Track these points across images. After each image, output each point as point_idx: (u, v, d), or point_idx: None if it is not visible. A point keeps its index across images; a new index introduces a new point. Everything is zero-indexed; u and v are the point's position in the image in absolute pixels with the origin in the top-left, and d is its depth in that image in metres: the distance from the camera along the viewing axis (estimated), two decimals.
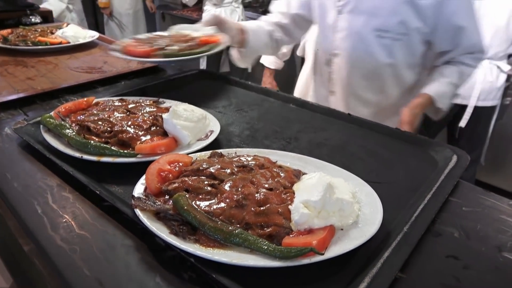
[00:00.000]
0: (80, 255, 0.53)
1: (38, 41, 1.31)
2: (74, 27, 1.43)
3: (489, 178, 2.62)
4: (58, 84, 1.05)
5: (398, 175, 0.72)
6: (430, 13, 1.01)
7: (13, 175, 0.69)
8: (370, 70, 1.11)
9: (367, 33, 1.07)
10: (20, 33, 1.37)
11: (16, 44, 1.29)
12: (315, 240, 0.50)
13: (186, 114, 0.75)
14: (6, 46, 1.29)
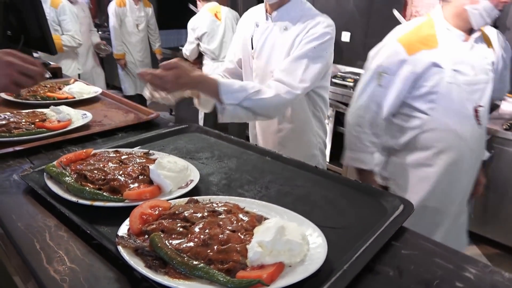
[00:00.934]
0: (69, 284, 0.63)
1: (47, 96, 1.47)
2: (80, 84, 1.59)
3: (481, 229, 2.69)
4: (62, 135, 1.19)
5: (350, 222, 0.82)
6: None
7: (17, 216, 0.80)
8: None
9: (266, 74, 1.41)
10: (31, 88, 1.53)
11: (27, 98, 1.45)
12: (265, 274, 0.60)
13: (170, 165, 0.87)
14: (18, 100, 1.44)
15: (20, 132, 1.13)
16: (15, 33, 1.93)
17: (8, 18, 1.84)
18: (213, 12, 3.63)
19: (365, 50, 4.07)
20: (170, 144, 1.18)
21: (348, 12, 3.97)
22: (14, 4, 1.79)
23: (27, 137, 1.12)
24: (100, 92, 1.61)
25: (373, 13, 3.82)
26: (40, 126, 1.18)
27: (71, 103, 1.47)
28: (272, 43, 1.41)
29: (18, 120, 1.20)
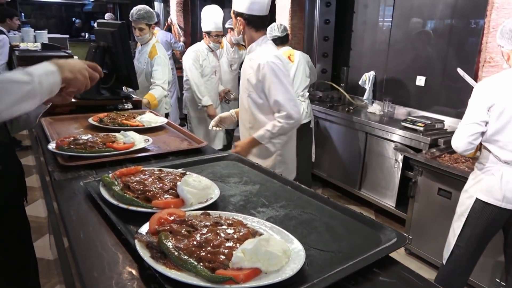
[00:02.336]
0: (94, 264, 0.81)
1: (122, 123, 1.77)
2: (151, 115, 1.89)
3: None
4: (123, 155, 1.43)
5: (342, 247, 0.90)
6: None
7: (74, 211, 1.02)
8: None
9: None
10: (112, 116, 1.86)
11: (107, 124, 1.77)
12: (241, 274, 0.72)
13: (194, 183, 1.04)
14: (100, 125, 1.77)
15: (92, 150, 1.41)
16: (109, 71, 2.34)
17: (105, 59, 2.25)
18: (287, 55, 3.89)
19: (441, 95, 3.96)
20: (209, 168, 1.35)
21: (423, 56, 3.95)
22: (110, 48, 2.19)
23: (97, 154, 1.39)
24: (166, 122, 1.87)
25: (449, 57, 3.75)
26: (108, 146, 1.44)
27: (139, 130, 1.75)
28: None
29: (95, 140, 1.49)
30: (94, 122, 1.81)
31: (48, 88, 1.13)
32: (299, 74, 3.87)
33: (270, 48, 2.05)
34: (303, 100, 3.93)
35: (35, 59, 4.37)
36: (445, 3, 3.70)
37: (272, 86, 1.95)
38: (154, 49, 3.55)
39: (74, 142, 1.44)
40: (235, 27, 2.08)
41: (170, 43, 6.37)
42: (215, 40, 3.81)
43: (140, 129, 1.78)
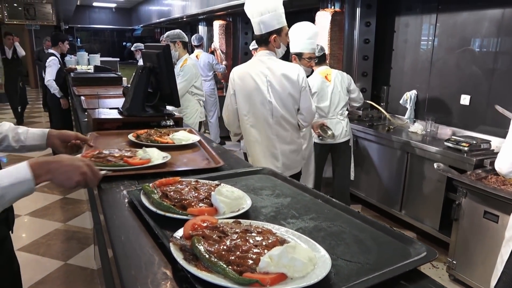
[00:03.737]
0: (132, 263, 0.87)
1: (155, 140, 1.84)
2: (183, 133, 1.92)
3: None
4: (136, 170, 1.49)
5: (370, 259, 0.90)
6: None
7: (117, 216, 1.10)
8: None
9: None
10: (150, 133, 1.94)
11: (142, 140, 1.85)
12: (268, 278, 0.75)
13: (227, 193, 1.09)
14: (137, 141, 1.85)
15: (108, 164, 1.46)
16: (154, 90, 2.49)
17: (150, 79, 2.40)
18: (324, 75, 3.93)
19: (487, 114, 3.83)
20: (243, 181, 1.40)
21: (467, 74, 3.84)
22: (155, 69, 2.34)
23: (108, 167, 1.43)
24: (198, 140, 1.90)
25: (496, 75, 3.62)
26: (125, 161, 1.50)
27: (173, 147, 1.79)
28: None
29: (114, 154, 1.53)
30: (132, 138, 1.89)
31: (12, 199, 1.02)
32: (336, 93, 3.88)
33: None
34: (342, 119, 3.93)
35: (88, 80, 4.70)
36: (490, 20, 3.60)
37: None
38: (185, 61, 4.25)
39: (96, 155, 1.51)
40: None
41: (212, 65, 6.60)
42: (307, 64, 3.23)
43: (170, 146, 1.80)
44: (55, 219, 4.17)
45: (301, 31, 3.19)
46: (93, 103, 3.00)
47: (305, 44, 3.18)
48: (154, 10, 11.94)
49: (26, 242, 3.62)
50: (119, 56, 12.55)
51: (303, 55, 3.20)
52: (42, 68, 9.06)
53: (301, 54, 3.20)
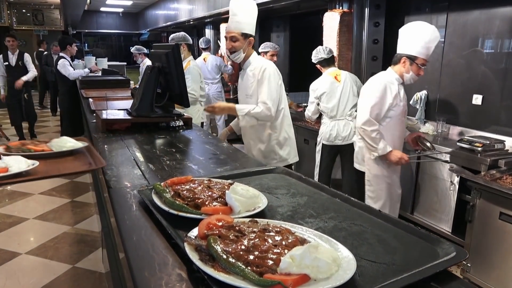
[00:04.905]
0: (146, 265, 0.83)
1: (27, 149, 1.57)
2: (66, 139, 1.63)
3: None
4: None
5: (396, 260, 0.85)
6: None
7: (128, 216, 1.06)
8: None
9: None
10: (23, 143, 1.63)
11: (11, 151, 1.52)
12: (290, 279, 0.70)
13: (242, 192, 1.05)
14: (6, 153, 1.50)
15: None
16: (162, 90, 2.46)
17: (159, 79, 2.37)
18: (333, 75, 3.88)
19: (500, 114, 3.75)
20: (256, 180, 1.36)
21: (479, 74, 3.77)
22: (164, 68, 2.31)
23: None
24: (84, 146, 1.64)
25: (509, 74, 3.55)
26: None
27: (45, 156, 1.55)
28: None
29: None
30: (1, 150, 1.58)
31: None
32: (345, 94, 3.84)
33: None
34: (350, 120, 3.87)
35: (96, 82, 4.70)
36: (502, 19, 3.53)
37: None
38: (189, 63, 4.19)
39: None
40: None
41: (220, 67, 6.58)
42: (418, 71, 2.72)
43: (43, 154, 1.55)
44: (63, 222, 4.15)
45: (421, 32, 2.69)
46: (101, 105, 2.98)
47: (422, 48, 2.68)
48: (161, 14, 11.99)
49: (34, 246, 3.60)
50: (126, 60, 12.61)
51: (417, 60, 2.69)
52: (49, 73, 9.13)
53: (415, 58, 2.69)
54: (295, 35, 7.32)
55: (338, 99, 3.81)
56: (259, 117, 2.58)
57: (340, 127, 3.83)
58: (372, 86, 2.84)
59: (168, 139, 2.08)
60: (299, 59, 6.59)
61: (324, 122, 3.99)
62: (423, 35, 2.70)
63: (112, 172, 1.45)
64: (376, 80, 2.86)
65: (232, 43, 2.56)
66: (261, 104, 2.55)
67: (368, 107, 2.76)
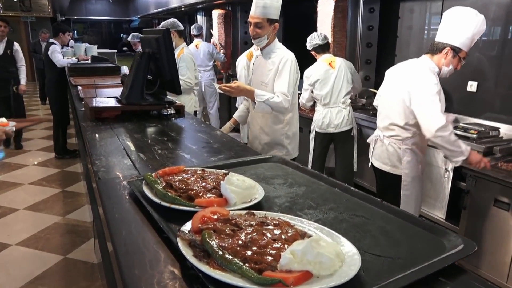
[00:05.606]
0: (136, 262, 0.77)
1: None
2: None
3: None
4: None
5: (401, 254, 0.81)
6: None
7: (117, 209, 1.01)
8: None
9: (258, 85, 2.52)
10: None
11: None
12: (291, 276, 0.65)
13: (238, 182, 1.00)
14: None
15: None
16: (153, 77, 2.38)
17: (150, 65, 2.29)
18: (328, 62, 3.82)
19: (495, 101, 3.72)
20: (252, 170, 1.31)
21: (474, 60, 3.73)
22: (155, 54, 2.23)
23: None
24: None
25: (504, 61, 3.51)
26: None
27: None
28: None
29: None
30: None
31: None
32: (339, 81, 3.78)
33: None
34: (344, 107, 3.83)
35: (85, 70, 4.58)
36: (498, 5, 3.48)
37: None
38: (182, 51, 4.07)
39: None
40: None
41: (212, 54, 6.48)
42: (457, 65, 2.41)
43: None
44: (53, 212, 4.08)
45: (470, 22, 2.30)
46: (90, 92, 2.90)
47: (468, 40, 2.33)
48: (152, 0, 11.74)
49: (24, 237, 3.53)
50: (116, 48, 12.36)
51: (460, 53, 2.35)
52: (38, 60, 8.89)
53: (459, 51, 2.35)
54: (289, 21, 7.21)
55: (331, 86, 3.76)
56: (276, 107, 2.41)
57: (333, 114, 3.78)
58: (427, 84, 2.33)
59: (160, 128, 2.01)
60: (293, 45, 6.51)
61: (317, 109, 3.94)
62: (471, 25, 2.29)
63: (101, 162, 1.39)
64: (427, 76, 2.36)
65: (256, 29, 2.35)
66: (281, 95, 2.39)
67: (437, 109, 2.27)
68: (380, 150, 2.69)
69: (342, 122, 3.82)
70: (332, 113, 3.80)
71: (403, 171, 2.63)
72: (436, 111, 2.30)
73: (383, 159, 2.69)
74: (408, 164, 2.62)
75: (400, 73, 2.57)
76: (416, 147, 2.55)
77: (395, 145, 2.60)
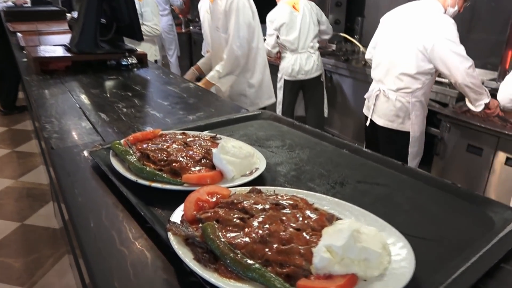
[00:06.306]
0: (114, 267, 0.58)
1: None
2: None
3: None
4: None
5: (444, 233, 0.66)
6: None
7: (80, 190, 0.78)
8: None
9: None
10: None
11: None
12: (333, 286, 0.48)
13: (234, 150, 0.79)
14: None
15: None
16: (108, 21, 2.03)
17: (103, 7, 1.94)
18: (291, 4, 3.54)
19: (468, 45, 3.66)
20: (240, 130, 1.10)
21: None
22: None
23: None
24: None
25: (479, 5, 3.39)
26: None
27: None
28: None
29: None
30: None
31: None
32: (306, 24, 3.54)
33: None
34: (313, 52, 3.62)
35: (25, 14, 4.01)
36: None
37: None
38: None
39: None
40: None
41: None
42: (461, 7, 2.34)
43: None
44: (5, 175, 3.72)
45: None
46: (33, 40, 2.49)
47: None
48: None
49: None
50: None
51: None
52: None
53: None
54: None
55: (298, 30, 3.51)
56: (231, 67, 2.26)
57: (303, 60, 3.58)
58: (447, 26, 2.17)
59: (121, 81, 1.72)
60: None
61: (284, 56, 3.71)
62: None
63: (53, 126, 1.13)
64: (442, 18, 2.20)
65: None
66: (227, 50, 2.23)
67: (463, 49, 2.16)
68: (385, 106, 2.48)
69: (312, 68, 3.64)
70: (301, 59, 3.59)
71: (412, 127, 2.48)
72: (463, 51, 2.17)
73: (390, 116, 2.48)
74: (417, 118, 2.48)
75: (405, 19, 2.35)
76: (424, 99, 2.42)
77: (404, 99, 2.41)
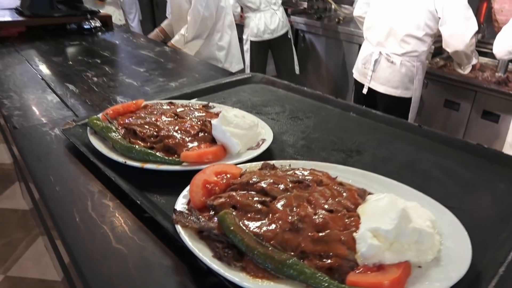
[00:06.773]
0: (114, 272, 0.47)
1: None
2: None
3: None
4: None
5: (483, 201, 0.60)
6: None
7: (56, 178, 0.66)
8: None
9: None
10: None
11: None
12: (387, 280, 0.40)
13: (237, 120, 0.68)
14: None
15: None
16: None
17: None
18: None
19: None
20: (232, 96, 0.99)
21: None
22: None
23: None
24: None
25: None
26: None
27: None
28: None
29: None
30: None
31: None
32: None
33: None
34: (276, 9, 3.44)
35: None
36: None
37: None
38: None
39: None
40: None
41: None
42: None
43: None
44: None
45: None
46: None
47: None
48: None
49: None
50: None
51: None
52: None
53: None
54: None
55: None
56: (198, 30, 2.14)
57: (267, 19, 3.40)
58: None
59: (86, 46, 1.54)
60: None
61: (248, 16, 3.51)
62: None
63: (13, 101, 0.96)
64: None
65: None
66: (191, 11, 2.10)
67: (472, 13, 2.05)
68: (388, 72, 2.31)
69: (278, 26, 3.47)
70: (265, 17, 3.41)
71: (414, 92, 2.36)
72: (472, 15, 2.01)
73: (393, 82, 2.33)
74: (419, 83, 2.36)
75: None
76: (426, 61, 2.35)
77: (409, 63, 2.26)
